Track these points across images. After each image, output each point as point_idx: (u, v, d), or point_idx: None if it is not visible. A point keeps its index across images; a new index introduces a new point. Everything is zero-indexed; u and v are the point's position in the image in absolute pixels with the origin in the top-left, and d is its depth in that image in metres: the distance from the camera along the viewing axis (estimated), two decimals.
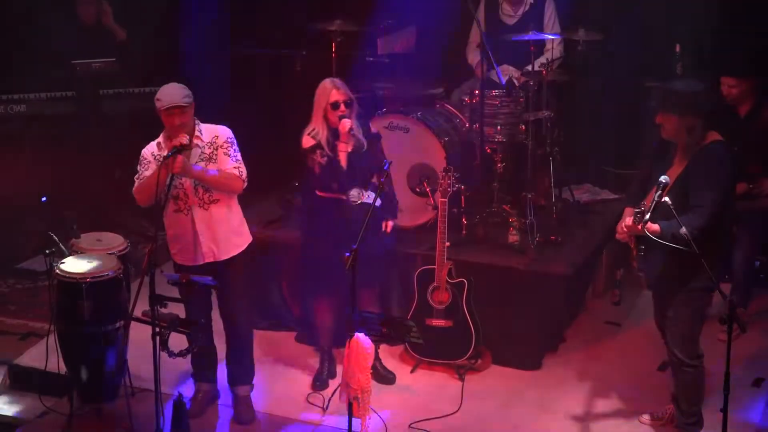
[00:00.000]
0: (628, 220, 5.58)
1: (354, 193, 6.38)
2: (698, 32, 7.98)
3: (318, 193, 6.47)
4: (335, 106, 6.34)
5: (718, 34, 7.90)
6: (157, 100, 5.99)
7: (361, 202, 6.37)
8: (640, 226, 5.43)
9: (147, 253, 5.56)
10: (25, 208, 8.51)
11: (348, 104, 6.37)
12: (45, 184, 8.20)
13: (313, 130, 6.41)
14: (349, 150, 6.38)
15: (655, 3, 8.28)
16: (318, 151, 6.35)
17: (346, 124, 6.31)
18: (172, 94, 5.98)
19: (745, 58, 7.19)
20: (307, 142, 6.41)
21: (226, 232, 6.17)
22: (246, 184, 6.15)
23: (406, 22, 8.80)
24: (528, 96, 7.63)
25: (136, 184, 6.13)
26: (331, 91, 6.36)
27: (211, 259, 6.16)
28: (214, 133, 6.13)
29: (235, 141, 6.16)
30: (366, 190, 6.42)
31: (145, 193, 6.02)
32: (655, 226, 5.44)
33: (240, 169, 6.10)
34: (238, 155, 6.13)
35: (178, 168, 5.86)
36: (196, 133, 6.08)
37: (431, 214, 7.16)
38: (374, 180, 6.45)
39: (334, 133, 6.39)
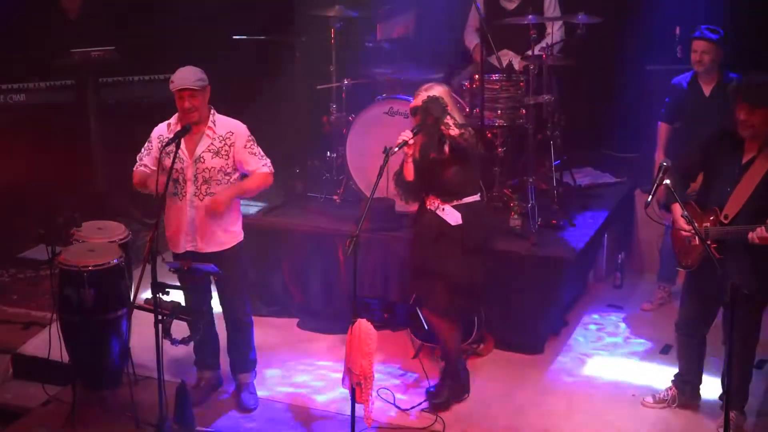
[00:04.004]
0: (759, 231, 5.29)
1: None
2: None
3: None
4: None
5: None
6: (171, 81, 5.97)
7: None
8: None
9: (148, 241, 5.55)
10: (26, 198, 8.51)
11: None
12: (45, 174, 8.20)
13: None
14: None
15: None
16: None
17: None
18: (184, 76, 5.95)
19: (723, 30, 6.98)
20: None
21: (214, 227, 6.11)
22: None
23: (405, 7, 8.78)
24: (528, 80, 7.61)
25: (137, 164, 6.09)
26: None
27: (192, 248, 6.11)
28: (229, 129, 6.07)
29: (252, 137, 6.14)
30: None
31: (141, 185, 6.04)
32: None
33: (268, 164, 6.11)
34: (260, 149, 6.12)
35: (214, 208, 5.94)
36: (209, 123, 6.03)
37: None
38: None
39: None
